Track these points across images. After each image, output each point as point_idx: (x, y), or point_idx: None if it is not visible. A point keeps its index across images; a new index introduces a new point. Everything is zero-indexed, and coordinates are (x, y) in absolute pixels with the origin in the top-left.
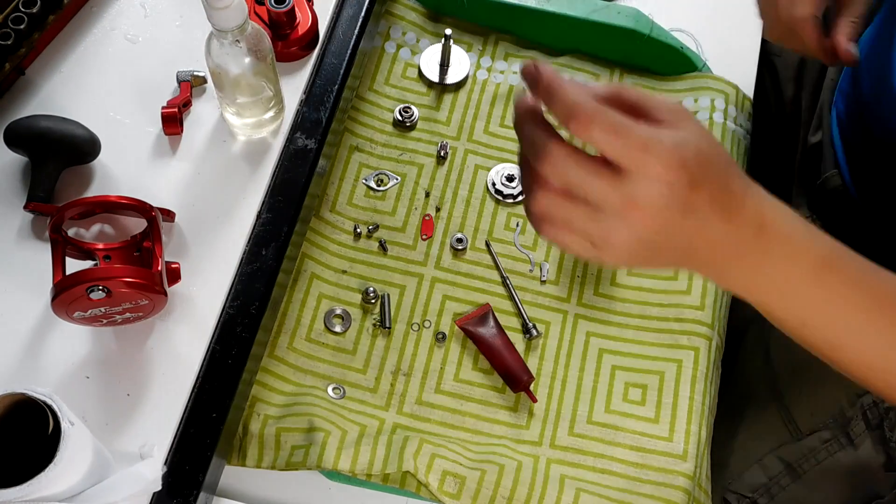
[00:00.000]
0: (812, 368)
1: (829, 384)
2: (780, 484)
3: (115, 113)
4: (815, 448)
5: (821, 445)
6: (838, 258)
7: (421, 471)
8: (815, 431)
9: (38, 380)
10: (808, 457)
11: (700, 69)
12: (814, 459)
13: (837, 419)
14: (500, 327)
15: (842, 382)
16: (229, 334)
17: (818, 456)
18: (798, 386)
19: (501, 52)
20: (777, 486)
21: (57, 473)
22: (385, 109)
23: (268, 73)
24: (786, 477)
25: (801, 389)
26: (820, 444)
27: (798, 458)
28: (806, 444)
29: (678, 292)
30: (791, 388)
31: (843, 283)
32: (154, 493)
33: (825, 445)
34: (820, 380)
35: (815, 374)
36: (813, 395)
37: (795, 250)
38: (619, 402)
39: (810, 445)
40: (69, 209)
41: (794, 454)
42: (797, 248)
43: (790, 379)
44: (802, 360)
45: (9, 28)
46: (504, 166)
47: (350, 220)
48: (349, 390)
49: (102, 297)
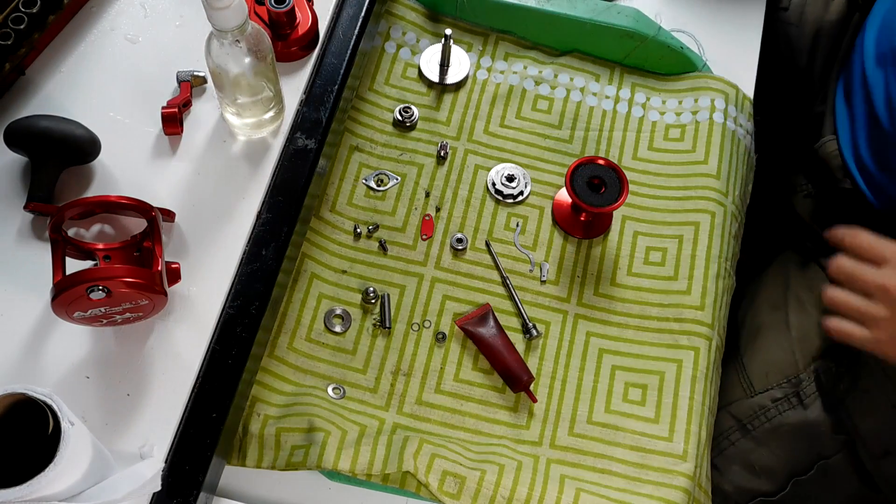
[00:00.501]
0: (773, 332)
1: (786, 346)
2: (730, 439)
3: (115, 113)
4: (765, 406)
5: (771, 404)
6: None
7: (421, 471)
8: (768, 390)
9: (38, 380)
10: (758, 414)
11: (700, 69)
12: (763, 417)
13: (791, 380)
14: (500, 327)
15: (799, 347)
16: (229, 334)
17: (768, 414)
18: (757, 347)
19: (501, 52)
20: (727, 440)
21: (57, 473)
22: (385, 109)
23: (268, 73)
24: (736, 432)
25: (760, 350)
26: (770, 402)
27: (749, 415)
28: (756, 401)
29: (678, 292)
30: (750, 346)
31: None
32: (154, 493)
33: (775, 404)
34: (777, 341)
35: (774, 336)
36: (770, 356)
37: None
38: (619, 402)
39: (761, 403)
40: (69, 209)
41: (745, 411)
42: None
43: (751, 338)
44: (765, 323)
45: (9, 28)
46: (504, 166)
47: (350, 220)
48: (349, 390)
49: (102, 297)
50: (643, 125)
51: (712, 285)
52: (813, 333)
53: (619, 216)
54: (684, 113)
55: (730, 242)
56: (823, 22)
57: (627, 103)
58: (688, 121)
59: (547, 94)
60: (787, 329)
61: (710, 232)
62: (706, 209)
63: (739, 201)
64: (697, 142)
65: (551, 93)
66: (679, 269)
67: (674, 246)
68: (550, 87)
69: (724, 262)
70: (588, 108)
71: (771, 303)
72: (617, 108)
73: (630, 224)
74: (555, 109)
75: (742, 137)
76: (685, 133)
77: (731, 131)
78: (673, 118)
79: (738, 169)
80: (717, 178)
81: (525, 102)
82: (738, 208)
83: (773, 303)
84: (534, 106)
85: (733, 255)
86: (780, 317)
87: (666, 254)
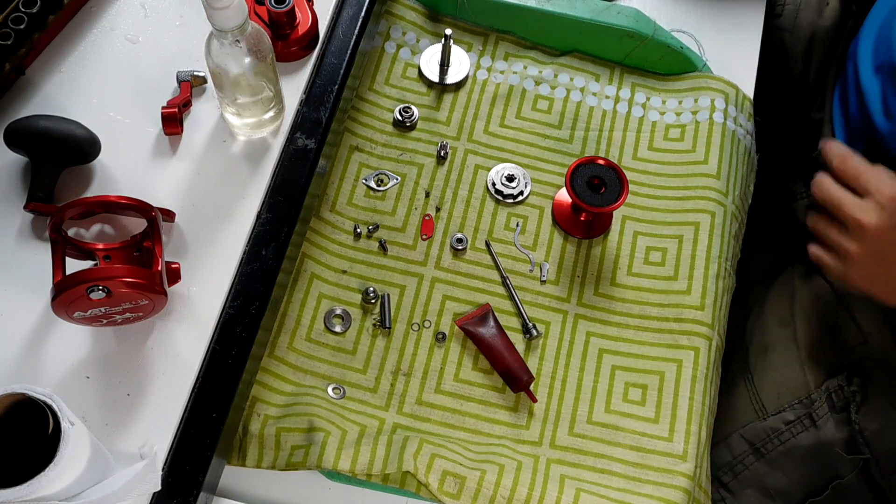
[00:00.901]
0: (782, 349)
1: (796, 365)
2: (744, 463)
3: (115, 113)
4: (778, 429)
5: (784, 427)
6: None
7: (421, 471)
8: (780, 412)
9: (38, 380)
10: (771, 437)
11: (700, 69)
12: (777, 440)
13: (803, 401)
14: (500, 327)
15: (809, 365)
16: (229, 334)
17: (781, 437)
18: (767, 366)
19: (501, 52)
20: (741, 464)
21: (57, 473)
22: (385, 109)
23: (268, 73)
24: (750, 456)
25: (770, 369)
26: (783, 425)
27: (762, 439)
28: (769, 424)
29: (678, 292)
30: (760, 365)
31: None
32: (154, 493)
33: (788, 427)
34: (788, 361)
35: (783, 354)
36: (781, 375)
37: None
38: (619, 403)
39: (773, 426)
40: (69, 209)
41: (759, 434)
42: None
43: (760, 356)
44: (774, 341)
45: (9, 28)
46: (504, 166)
47: (350, 220)
48: (349, 390)
49: (102, 297)
50: (643, 125)
51: (712, 285)
52: (822, 350)
53: (619, 216)
54: (684, 113)
55: (730, 242)
56: (817, 28)
57: (627, 103)
58: (688, 121)
59: (547, 94)
60: (796, 346)
61: (710, 232)
62: (706, 209)
63: (740, 201)
64: (697, 142)
65: (551, 93)
66: (679, 269)
67: (674, 246)
68: (550, 87)
69: (725, 262)
70: (588, 108)
71: (778, 318)
72: (617, 108)
73: (630, 224)
74: (555, 109)
75: (742, 137)
76: (685, 133)
77: (731, 131)
78: (673, 118)
79: (738, 169)
80: (717, 178)
81: (525, 102)
82: (738, 208)
83: (781, 318)
84: (534, 106)
85: (733, 255)
86: (788, 333)
87: (666, 254)
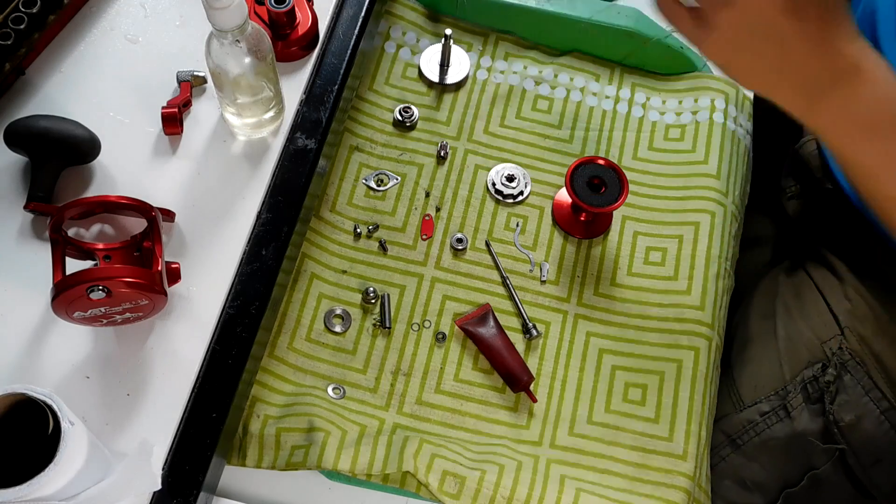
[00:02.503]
0: (761, 342)
1: (774, 357)
2: (721, 454)
3: (115, 113)
4: (753, 420)
5: (759, 418)
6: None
7: (421, 471)
8: (756, 403)
9: (38, 380)
10: (747, 429)
11: (700, 69)
12: (752, 432)
13: (778, 392)
14: (500, 327)
15: (786, 357)
16: (229, 334)
17: (756, 428)
18: (746, 359)
19: (501, 52)
20: (717, 456)
21: (57, 473)
22: (385, 109)
23: (268, 73)
24: (726, 447)
25: (748, 362)
26: (759, 416)
27: (738, 430)
28: (745, 416)
29: (678, 292)
30: (740, 359)
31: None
32: (154, 493)
33: (763, 418)
34: (765, 353)
35: (762, 347)
36: (758, 368)
37: (887, 96)
38: (619, 403)
39: (749, 418)
40: (69, 209)
41: (735, 426)
42: (890, 95)
43: (741, 350)
44: (754, 334)
45: (9, 28)
46: (504, 166)
47: (350, 220)
48: (349, 390)
49: (102, 297)
50: (643, 125)
51: (712, 285)
52: (799, 343)
53: (619, 216)
54: (684, 113)
55: (730, 242)
56: None
57: (627, 103)
58: (688, 121)
59: (547, 94)
60: (775, 339)
61: (710, 232)
62: (706, 209)
63: (739, 201)
64: (697, 142)
65: (551, 93)
66: (679, 269)
67: (674, 246)
68: (550, 87)
69: (724, 262)
70: (588, 108)
71: (761, 312)
72: (617, 108)
73: (630, 224)
74: (555, 109)
75: (742, 137)
76: (685, 133)
77: (731, 131)
78: (673, 118)
79: (738, 169)
80: (717, 178)
81: (525, 102)
82: (738, 208)
83: (763, 312)
84: (534, 106)
85: (733, 255)
86: (768, 326)
87: (666, 254)
